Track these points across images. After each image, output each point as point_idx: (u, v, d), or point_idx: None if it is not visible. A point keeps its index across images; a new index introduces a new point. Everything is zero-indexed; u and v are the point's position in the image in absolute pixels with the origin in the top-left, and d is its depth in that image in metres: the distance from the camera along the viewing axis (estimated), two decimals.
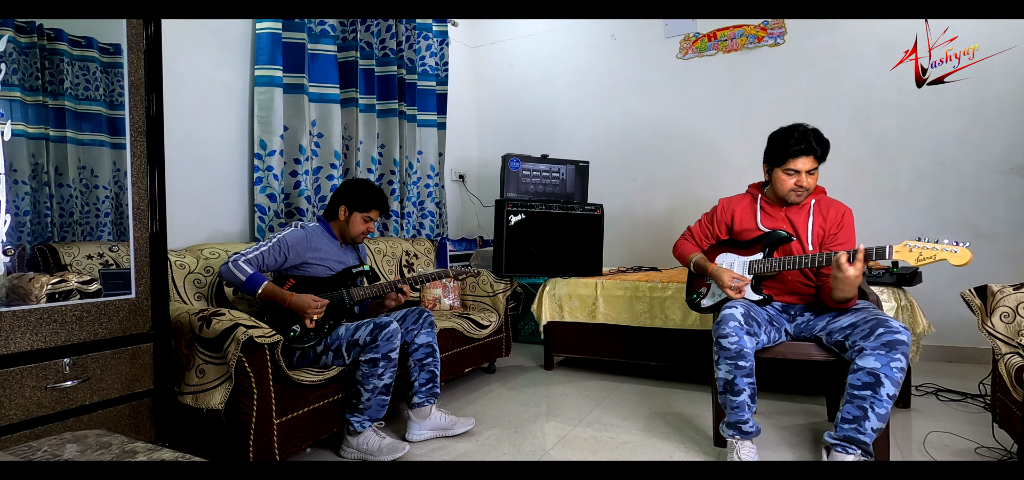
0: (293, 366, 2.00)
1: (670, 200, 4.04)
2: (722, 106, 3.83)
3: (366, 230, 2.29)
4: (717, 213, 2.19)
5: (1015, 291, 1.83)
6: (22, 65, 1.60)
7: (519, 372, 3.21)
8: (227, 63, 2.70)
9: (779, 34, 3.65)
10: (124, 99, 1.62)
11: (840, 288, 1.76)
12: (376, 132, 3.38)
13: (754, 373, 1.81)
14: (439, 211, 3.86)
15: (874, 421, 1.64)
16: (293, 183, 2.86)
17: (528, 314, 3.87)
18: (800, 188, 1.93)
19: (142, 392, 1.65)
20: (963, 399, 2.52)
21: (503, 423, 2.37)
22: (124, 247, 1.64)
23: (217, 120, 2.65)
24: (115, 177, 1.71)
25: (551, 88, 4.45)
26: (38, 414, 1.43)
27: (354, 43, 3.19)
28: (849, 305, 1.85)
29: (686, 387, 2.83)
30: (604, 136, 4.24)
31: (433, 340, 2.23)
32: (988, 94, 3.13)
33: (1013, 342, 1.77)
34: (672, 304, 2.82)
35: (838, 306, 1.86)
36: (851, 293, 1.77)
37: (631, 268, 3.65)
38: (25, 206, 1.61)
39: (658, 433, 2.23)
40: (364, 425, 2.03)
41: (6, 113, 1.54)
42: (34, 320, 1.44)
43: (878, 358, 1.64)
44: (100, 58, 1.71)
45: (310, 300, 2.02)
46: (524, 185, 3.46)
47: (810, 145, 1.89)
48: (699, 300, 2.16)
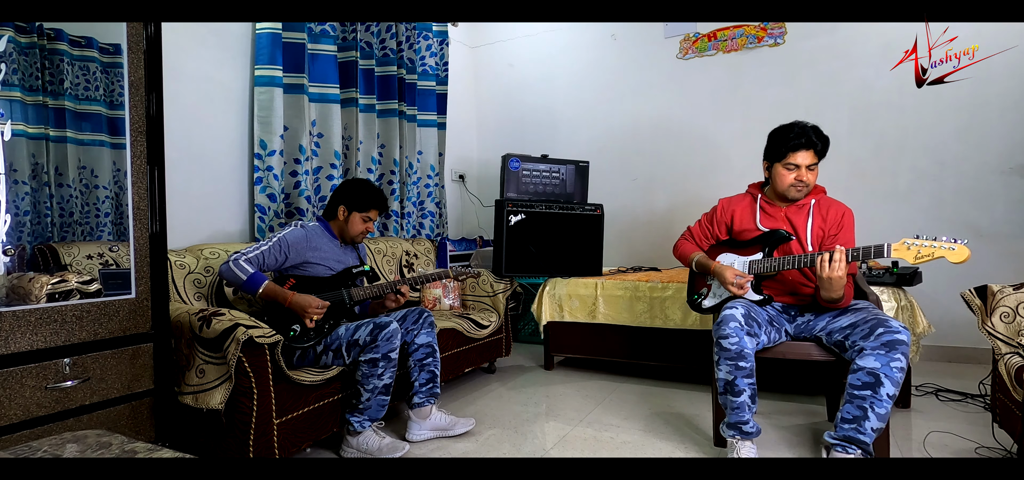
0: (293, 366, 2.00)
1: (670, 200, 4.04)
2: (722, 106, 3.83)
3: (365, 230, 2.29)
4: (717, 213, 2.19)
5: (1015, 291, 1.83)
6: (22, 65, 1.60)
7: (519, 372, 3.21)
8: (227, 63, 2.70)
9: (779, 34, 3.65)
10: (124, 99, 1.62)
11: (825, 287, 1.77)
12: (376, 132, 3.38)
13: (754, 373, 1.81)
14: (439, 211, 3.86)
15: (874, 421, 1.64)
16: (293, 183, 2.86)
17: (528, 314, 3.87)
18: (800, 183, 1.93)
19: (142, 392, 1.65)
20: (963, 399, 2.52)
21: (503, 423, 2.37)
22: (124, 247, 1.64)
23: (217, 120, 2.65)
24: (115, 177, 1.71)
25: (551, 88, 4.45)
26: (38, 414, 1.43)
27: (354, 43, 3.19)
28: (840, 305, 1.86)
29: (686, 387, 2.83)
30: (604, 136, 4.24)
31: (433, 340, 2.24)
32: (988, 94, 3.13)
33: (1013, 342, 1.77)
34: (672, 304, 2.82)
35: (830, 306, 1.87)
36: (838, 293, 1.78)
37: (631, 268, 3.65)
38: (25, 206, 1.61)
39: (658, 433, 2.23)
40: (364, 425, 2.03)
41: (6, 113, 1.54)
42: (34, 320, 1.45)
43: (878, 358, 1.64)
44: (100, 58, 1.71)
45: (310, 300, 2.02)
46: (524, 185, 3.46)
47: (810, 139, 1.89)
48: (700, 300, 2.16)
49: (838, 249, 1.72)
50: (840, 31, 3.47)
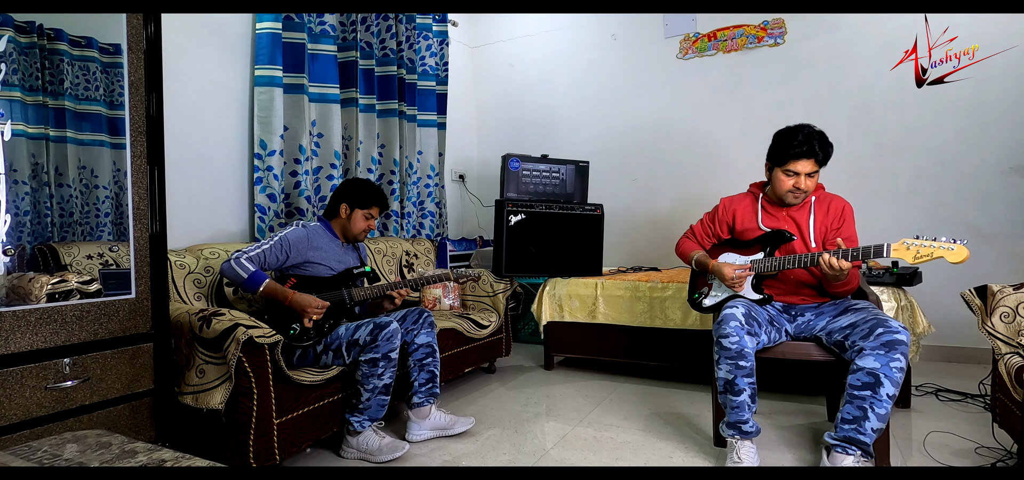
0: (293, 366, 2.00)
1: (670, 200, 4.04)
2: (722, 106, 3.83)
3: (367, 227, 2.29)
4: (718, 212, 2.19)
5: (1015, 291, 1.83)
6: (22, 65, 1.60)
7: (519, 372, 3.21)
8: (227, 63, 2.70)
9: (779, 34, 3.64)
10: (124, 99, 1.62)
11: (832, 278, 1.83)
12: (376, 132, 3.38)
13: (754, 373, 1.81)
14: (439, 211, 3.86)
15: (874, 421, 1.64)
16: (293, 183, 2.86)
17: (528, 314, 3.87)
18: (798, 190, 1.94)
19: (142, 392, 1.65)
20: (963, 399, 2.52)
21: (503, 423, 2.37)
22: (124, 247, 1.64)
23: (217, 120, 2.65)
24: (115, 177, 1.71)
25: (551, 88, 4.45)
26: (38, 414, 1.43)
27: (354, 43, 3.19)
28: (849, 287, 1.91)
29: (686, 387, 2.83)
30: (604, 136, 4.24)
31: (433, 340, 2.24)
32: (988, 94, 3.13)
33: (1013, 342, 1.77)
34: (672, 304, 2.81)
35: (840, 291, 1.92)
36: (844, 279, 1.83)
37: (631, 268, 3.65)
38: (25, 206, 1.61)
39: (658, 433, 2.23)
40: (364, 425, 2.03)
41: (6, 113, 1.54)
42: (34, 320, 1.45)
43: (877, 358, 1.64)
44: (100, 58, 1.71)
45: (311, 299, 2.03)
46: (524, 185, 3.46)
47: (813, 148, 1.89)
48: (701, 300, 2.16)
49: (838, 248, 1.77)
50: (840, 31, 3.47)
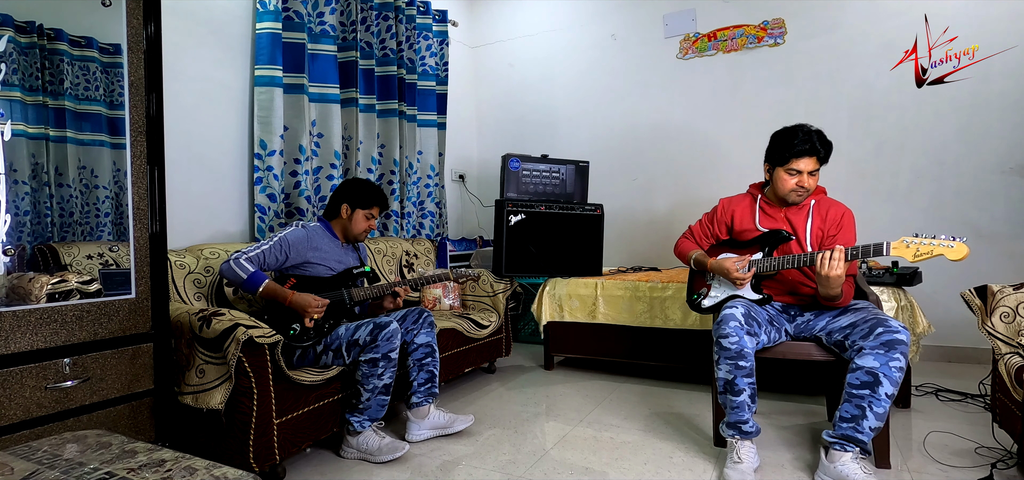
0: (293, 366, 2.00)
1: (670, 200, 4.04)
2: (722, 106, 3.83)
3: (368, 227, 2.30)
4: (717, 213, 2.20)
5: (1015, 291, 1.83)
6: (22, 65, 1.60)
7: (519, 372, 3.21)
8: (227, 63, 2.70)
9: (779, 34, 3.65)
10: (124, 99, 1.62)
11: (823, 285, 1.80)
12: (376, 132, 3.38)
13: (754, 373, 1.81)
14: (439, 211, 3.86)
15: (872, 420, 1.64)
16: (293, 183, 2.87)
17: (528, 314, 3.87)
18: (801, 188, 1.94)
19: (142, 392, 1.65)
20: (963, 399, 2.52)
21: (503, 423, 2.37)
22: (124, 247, 1.64)
23: (217, 120, 2.65)
24: (115, 177, 1.71)
25: (551, 88, 4.45)
26: (38, 414, 1.43)
27: (354, 43, 3.19)
28: (839, 304, 1.87)
29: (686, 387, 2.83)
30: (604, 136, 4.24)
31: (433, 340, 2.24)
32: (988, 94, 3.13)
33: (1013, 342, 1.77)
34: (672, 304, 2.82)
35: (829, 304, 1.88)
36: (835, 291, 1.80)
37: (631, 268, 3.65)
38: (25, 206, 1.61)
39: (658, 433, 2.23)
40: (364, 425, 2.03)
41: (6, 113, 1.54)
42: (34, 320, 1.45)
43: (877, 357, 1.64)
44: (100, 58, 1.71)
45: (310, 299, 2.03)
46: (524, 185, 3.46)
47: (814, 146, 1.89)
48: (700, 300, 2.16)
49: (837, 249, 1.74)
50: (840, 31, 3.47)
